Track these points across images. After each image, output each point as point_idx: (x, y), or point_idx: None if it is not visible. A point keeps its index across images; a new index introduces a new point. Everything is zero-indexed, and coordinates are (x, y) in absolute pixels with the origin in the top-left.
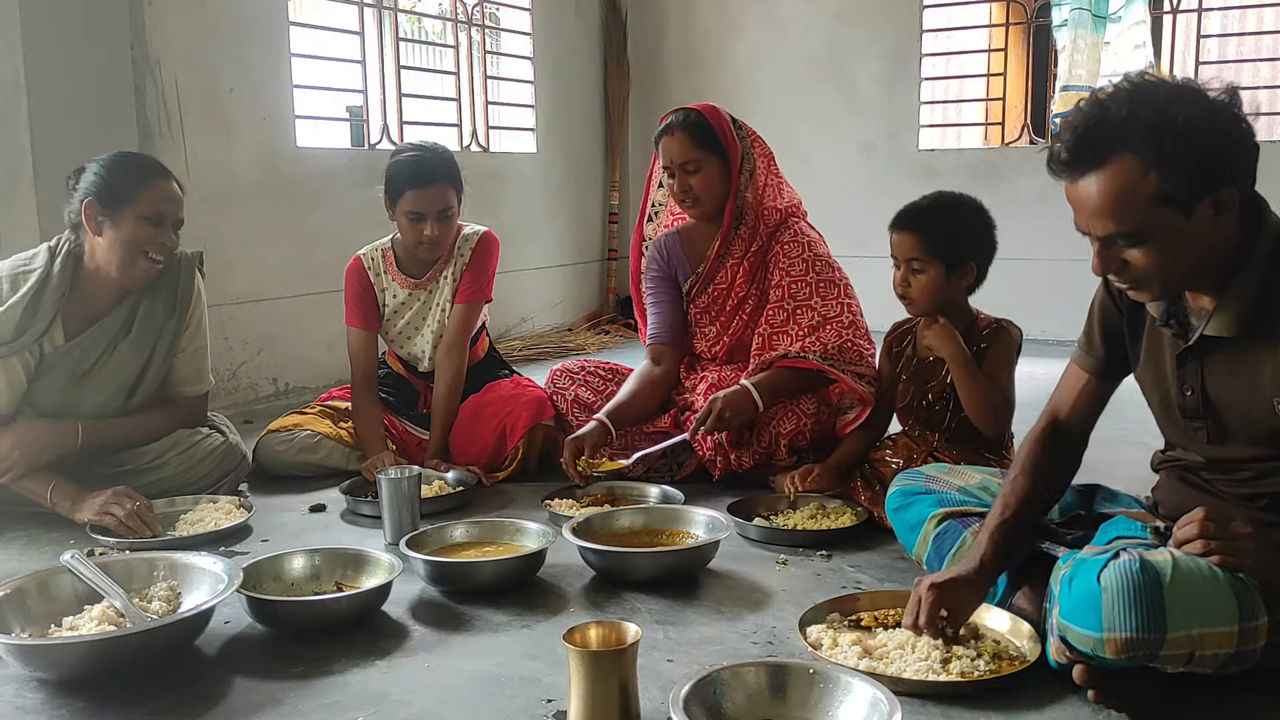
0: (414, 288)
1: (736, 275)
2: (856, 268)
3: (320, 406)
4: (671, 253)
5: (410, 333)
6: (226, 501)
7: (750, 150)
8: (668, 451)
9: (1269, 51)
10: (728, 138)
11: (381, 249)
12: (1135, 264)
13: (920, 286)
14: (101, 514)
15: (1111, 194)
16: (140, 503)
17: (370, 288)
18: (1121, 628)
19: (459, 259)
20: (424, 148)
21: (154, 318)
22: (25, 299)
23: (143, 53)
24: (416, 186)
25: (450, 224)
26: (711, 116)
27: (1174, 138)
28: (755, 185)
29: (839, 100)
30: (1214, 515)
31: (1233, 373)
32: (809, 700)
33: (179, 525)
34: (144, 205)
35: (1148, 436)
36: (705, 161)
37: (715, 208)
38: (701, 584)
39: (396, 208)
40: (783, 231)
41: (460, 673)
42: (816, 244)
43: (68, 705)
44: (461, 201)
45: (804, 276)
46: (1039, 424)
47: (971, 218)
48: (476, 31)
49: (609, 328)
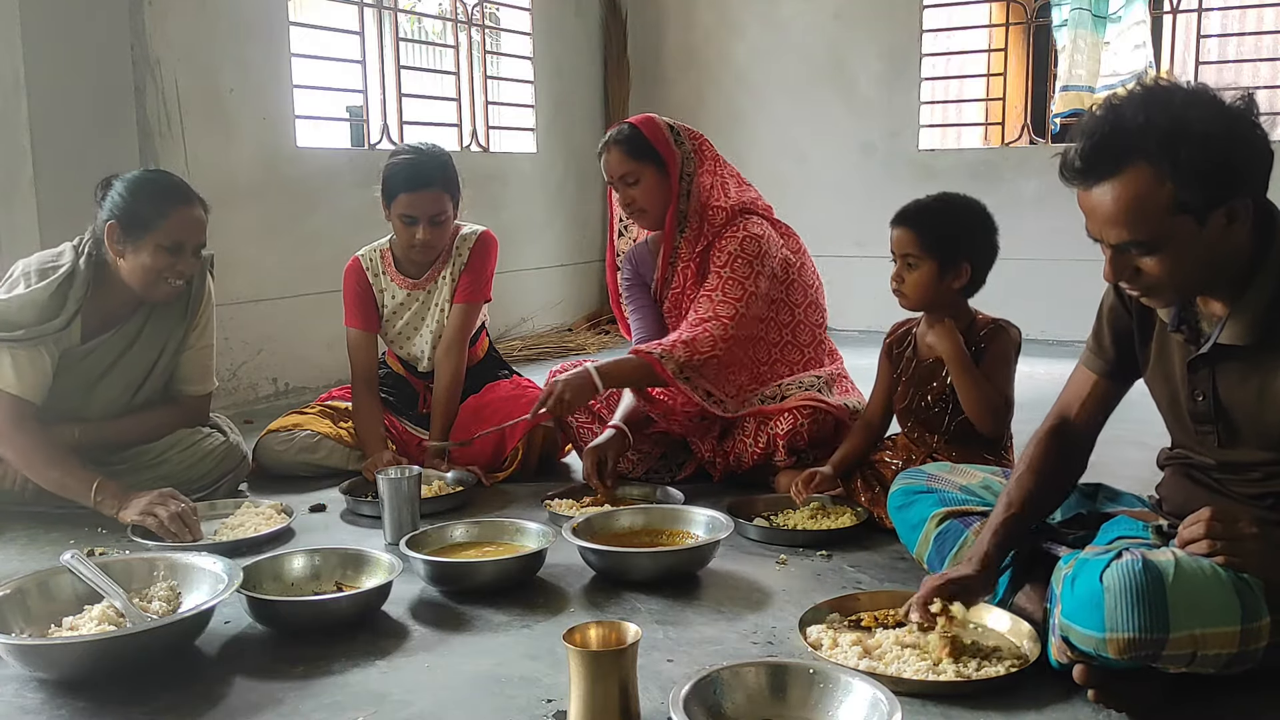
0: (412, 288)
1: (686, 279)
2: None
3: (320, 406)
4: (640, 261)
5: (409, 333)
6: (269, 506)
7: (691, 155)
8: (667, 452)
9: (1269, 51)
10: (664, 146)
11: (380, 249)
12: (1148, 272)
13: (913, 281)
14: (145, 515)
15: (1126, 203)
16: (184, 506)
17: (369, 288)
18: (1124, 628)
19: (457, 259)
20: (420, 151)
21: (166, 319)
22: (53, 285)
23: (143, 53)
24: (410, 190)
25: (444, 228)
26: (647, 127)
27: (1190, 146)
28: (698, 189)
29: (839, 100)
30: (1220, 515)
31: (1245, 379)
32: (809, 700)
33: (220, 531)
34: (164, 235)
35: (1149, 436)
36: (642, 173)
37: (660, 216)
38: (701, 584)
39: (391, 209)
40: (725, 228)
41: (460, 673)
42: (751, 241)
43: (68, 705)
44: (458, 205)
45: (720, 269)
46: (1045, 424)
47: (971, 219)
48: (476, 31)
49: (609, 328)
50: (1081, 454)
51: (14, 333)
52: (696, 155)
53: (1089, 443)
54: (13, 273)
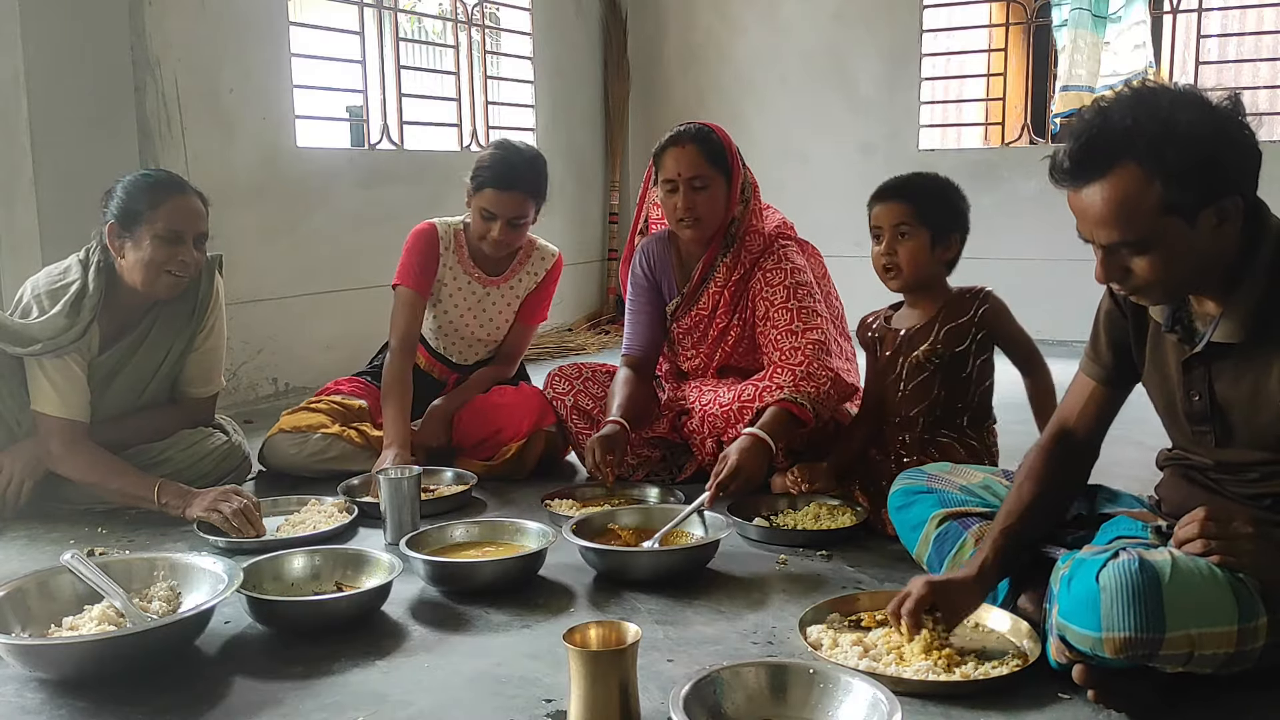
0: (477, 280)
1: (718, 304)
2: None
3: (327, 402)
4: (659, 261)
5: (456, 321)
6: (332, 504)
7: (748, 180)
8: (666, 455)
9: (1269, 51)
10: (734, 161)
11: (455, 229)
12: (1139, 272)
13: (907, 253)
14: (210, 511)
15: (1115, 203)
16: (246, 502)
17: (436, 258)
18: (1120, 627)
19: (532, 276)
20: (518, 151)
21: (172, 322)
22: (66, 307)
23: (143, 53)
24: (496, 188)
25: (521, 231)
26: (723, 135)
27: (1177, 146)
28: (750, 213)
29: (839, 100)
30: (1215, 515)
31: (1239, 378)
32: (809, 700)
33: (281, 528)
34: (159, 224)
35: (1147, 436)
36: (713, 181)
37: (714, 230)
38: (701, 584)
39: (474, 200)
40: (766, 258)
41: (460, 673)
42: (799, 271)
43: (68, 705)
44: (540, 211)
45: (784, 304)
46: (1047, 432)
47: (951, 193)
48: (476, 31)
49: (609, 328)
50: (1084, 462)
51: (31, 346)
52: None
53: (1092, 450)
54: (22, 295)
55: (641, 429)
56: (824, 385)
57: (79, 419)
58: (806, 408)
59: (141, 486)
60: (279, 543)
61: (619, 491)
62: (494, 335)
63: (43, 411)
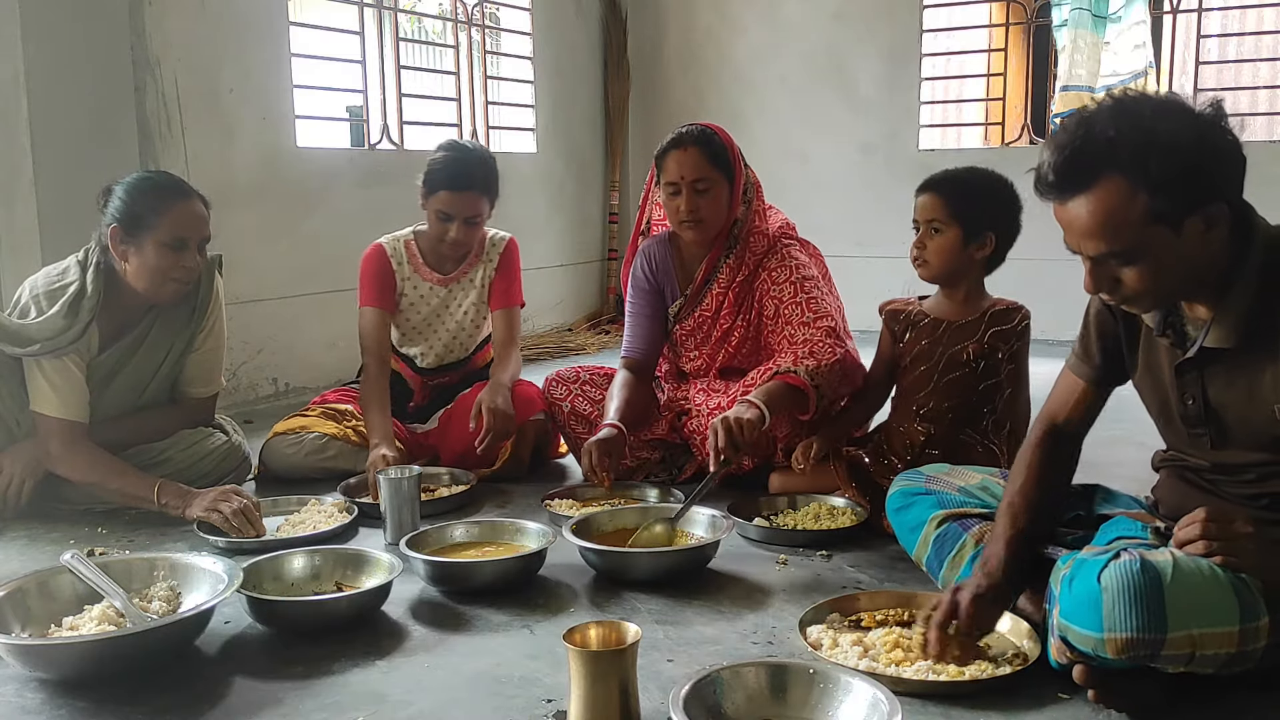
0: (438, 282)
1: (722, 305)
2: (855, 267)
3: (321, 408)
4: (661, 263)
5: (424, 328)
6: (332, 504)
7: (750, 182)
8: (666, 456)
9: (1269, 51)
10: (737, 163)
11: (403, 240)
12: (1128, 282)
13: (936, 247)
14: (209, 512)
15: (1101, 215)
16: (245, 502)
17: (391, 274)
18: (1122, 628)
19: (488, 263)
20: (467, 150)
21: (172, 322)
22: (64, 308)
23: (143, 53)
24: (450, 189)
25: (476, 229)
26: (725, 137)
27: (1160, 156)
28: (753, 215)
29: (839, 100)
30: (1215, 515)
31: (1233, 381)
32: (809, 700)
33: (282, 527)
34: (165, 232)
35: (1146, 436)
36: (716, 183)
37: (716, 232)
38: (701, 584)
39: (429, 203)
40: (769, 258)
41: (460, 673)
42: (804, 267)
43: (68, 705)
44: (493, 207)
45: (793, 299)
46: (1036, 430)
47: (999, 191)
48: (476, 31)
49: (609, 328)
50: (1071, 457)
51: (30, 346)
52: (754, 181)
53: (1078, 445)
54: (20, 296)
55: (640, 431)
56: (826, 359)
57: (78, 419)
58: (801, 375)
59: (141, 487)
60: (279, 543)
61: (618, 491)
62: (467, 331)
63: (42, 412)
